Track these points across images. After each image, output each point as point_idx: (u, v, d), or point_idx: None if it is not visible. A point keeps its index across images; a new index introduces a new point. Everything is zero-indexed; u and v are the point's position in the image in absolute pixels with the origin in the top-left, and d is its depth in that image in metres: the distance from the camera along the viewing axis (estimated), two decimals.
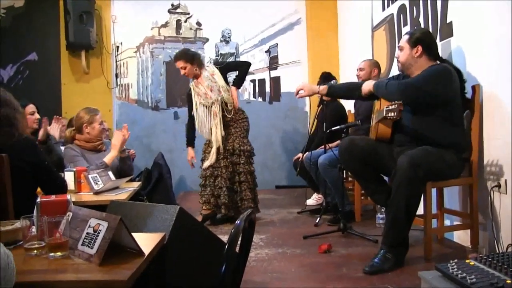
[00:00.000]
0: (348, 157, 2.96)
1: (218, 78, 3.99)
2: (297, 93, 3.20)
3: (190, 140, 4.19)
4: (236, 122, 4.07)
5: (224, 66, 4.10)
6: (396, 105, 2.61)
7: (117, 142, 3.18)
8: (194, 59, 3.98)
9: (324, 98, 4.15)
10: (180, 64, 3.97)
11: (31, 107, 3.33)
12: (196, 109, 4.04)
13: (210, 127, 3.99)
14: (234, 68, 4.24)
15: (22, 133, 2.09)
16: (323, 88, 3.13)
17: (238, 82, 4.12)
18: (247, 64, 4.22)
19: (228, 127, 4.04)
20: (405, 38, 2.90)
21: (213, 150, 3.94)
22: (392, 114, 2.61)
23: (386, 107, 2.67)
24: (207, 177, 3.99)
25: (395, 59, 3.02)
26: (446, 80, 2.68)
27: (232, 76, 4.25)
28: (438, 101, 2.69)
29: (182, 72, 4.00)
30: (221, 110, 3.97)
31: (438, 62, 2.87)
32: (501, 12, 2.63)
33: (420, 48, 2.82)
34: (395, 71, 4.00)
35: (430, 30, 3.42)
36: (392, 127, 2.87)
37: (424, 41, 2.83)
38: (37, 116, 3.35)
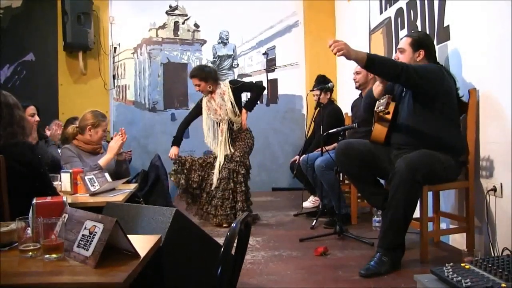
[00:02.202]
0: (344, 160, 2.97)
1: (227, 99, 4.08)
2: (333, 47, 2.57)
3: (178, 139, 4.25)
4: (242, 139, 4.16)
5: (238, 87, 4.15)
6: (385, 98, 2.64)
7: (115, 145, 3.17)
8: (208, 77, 4.09)
9: (321, 100, 4.18)
10: (195, 81, 4.12)
11: (31, 109, 3.31)
12: (206, 122, 4.21)
13: (217, 143, 4.12)
14: (248, 89, 4.28)
15: (27, 137, 2.08)
16: (362, 57, 2.55)
17: (250, 105, 4.16)
18: (261, 88, 4.28)
19: (233, 141, 4.14)
20: (406, 40, 2.92)
21: (216, 166, 4.02)
22: (381, 107, 2.65)
23: (378, 101, 2.70)
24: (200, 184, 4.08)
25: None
26: (439, 74, 2.71)
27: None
28: (433, 89, 2.69)
29: (197, 88, 4.15)
30: (228, 128, 4.10)
31: None
32: (498, 16, 2.64)
33: (422, 52, 2.86)
34: None
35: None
36: (388, 129, 2.88)
37: (427, 46, 2.87)
38: (37, 118, 3.32)
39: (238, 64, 6.22)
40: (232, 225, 1.38)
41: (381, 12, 4.49)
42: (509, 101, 2.54)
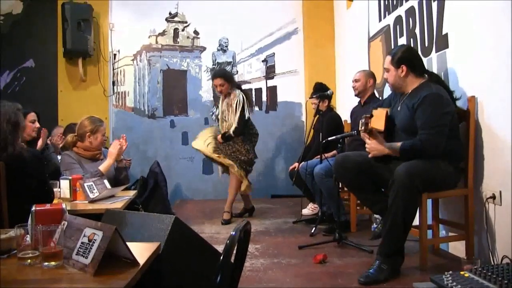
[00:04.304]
0: (343, 172, 2.98)
1: (231, 110, 4.34)
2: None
3: None
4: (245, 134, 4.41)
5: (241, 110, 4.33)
6: (364, 119, 2.69)
7: (114, 150, 3.18)
8: (232, 79, 4.44)
9: (320, 108, 4.19)
10: (218, 81, 4.35)
11: (32, 115, 3.32)
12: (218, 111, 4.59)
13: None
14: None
15: (17, 146, 2.08)
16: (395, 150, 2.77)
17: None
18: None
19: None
20: (388, 59, 2.94)
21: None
22: (362, 127, 2.70)
23: (361, 120, 2.75)
24: None
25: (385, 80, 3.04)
26: (445, 107, 2.70)
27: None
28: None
29: (219, 89, 4.39)
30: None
31: (426, 76, 2.90)
32: (496, 24, 2.65)
33: (404, 67, 2.86)
34: None
35: (426, 41, 3.46)
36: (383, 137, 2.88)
37: (406, 59, 2.87)
38: (37, 125, 3.33)
39: (237, 71, 6.23)
40: (232, 232, 1.38)
41: (380, 20, 4.51)
42: (508, 108, 2.54)
